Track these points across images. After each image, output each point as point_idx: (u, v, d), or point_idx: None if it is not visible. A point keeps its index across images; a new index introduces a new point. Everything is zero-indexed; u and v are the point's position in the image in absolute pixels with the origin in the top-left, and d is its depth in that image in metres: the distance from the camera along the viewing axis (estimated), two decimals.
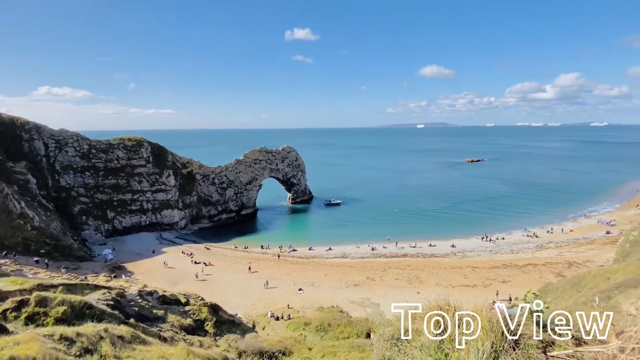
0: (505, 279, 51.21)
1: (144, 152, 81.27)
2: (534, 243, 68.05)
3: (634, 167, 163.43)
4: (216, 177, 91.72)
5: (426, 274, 54.41)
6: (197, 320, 21.93)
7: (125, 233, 73.53)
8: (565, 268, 53.72)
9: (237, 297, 46.34)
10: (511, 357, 3.22)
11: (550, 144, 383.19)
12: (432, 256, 63.10)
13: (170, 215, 79.41)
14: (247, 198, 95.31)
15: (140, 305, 18.83)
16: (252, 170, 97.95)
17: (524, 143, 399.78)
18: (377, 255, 64.23)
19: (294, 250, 67.62)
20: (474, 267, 56.69)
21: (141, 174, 79.24)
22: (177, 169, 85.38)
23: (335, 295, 46.56)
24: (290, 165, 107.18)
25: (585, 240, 67.64)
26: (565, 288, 28.05)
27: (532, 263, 57.19)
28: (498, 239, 70.95)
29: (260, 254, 66.23)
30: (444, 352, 3.44)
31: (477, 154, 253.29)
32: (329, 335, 28.27)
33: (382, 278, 53.15)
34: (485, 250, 65.10)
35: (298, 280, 52.05)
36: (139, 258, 61.19)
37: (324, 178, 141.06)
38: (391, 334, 3.88)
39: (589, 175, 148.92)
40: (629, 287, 17.51)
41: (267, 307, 41.81)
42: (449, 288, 48.72)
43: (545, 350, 3.44)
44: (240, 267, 58.09)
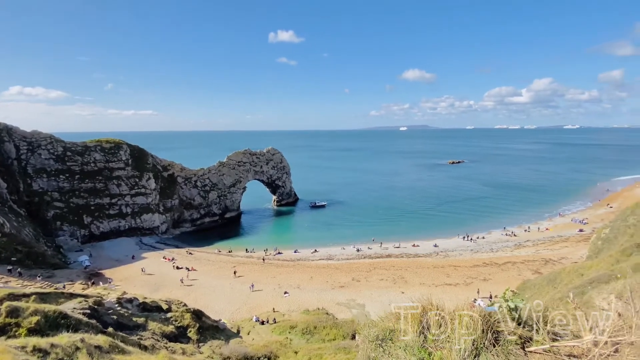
0: (486, 277, 52.62)
1: (123, 154, 78.80)
2: (513, 242, 70.31)
3: (604, 168, 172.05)
4: (199, 180, 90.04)
5: (410, 273, 55.20)
6: (180, 327, 21.38)
7: (103, 238, 70.91)
8: (542, 265, 55.75)
9: (221, 302, 45.51)
10: (491, 354, 3.31)
11: (526, 146, 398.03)
12: (416, 256, 64.12)
13: (150, 220, 77.24)
14: (231, 201, 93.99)
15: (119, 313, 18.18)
16: (236, 172, 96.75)
17: (502, 145, 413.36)
18: (362, 257, 64.66)
19: (279, 253, 67.14)
20: (456, 266, 57.98)
21: (120, 177, 76.75)
22: (157, 172, 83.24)
23: (321, 298, 46.50)
24: (275, 167, 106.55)
25: (560, 238, 70.46)
26: (542, 284, 29.11)
27: (511, 261, 59.04)
28: (478, 238, 72.89)
29: (244, 258, 65.35)
30: (427, 351, 3.50)
31: (458, 155, 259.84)
32: (315, 338, 28.19)
33: (367, 279, 53.51)
34: (466, 250, 66.72)
35: (283, 284, 51.68)
36: (118, 264, 59.15)
37: (309, 180, 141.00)
38: (376, 334, 3.91)
39: (563, 175, 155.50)
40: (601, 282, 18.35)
41: (251, 312, 41.30)
42: (432, 287, 49.61)
43: (523, 346, 3.56)
44: (224, 272, 57.12)
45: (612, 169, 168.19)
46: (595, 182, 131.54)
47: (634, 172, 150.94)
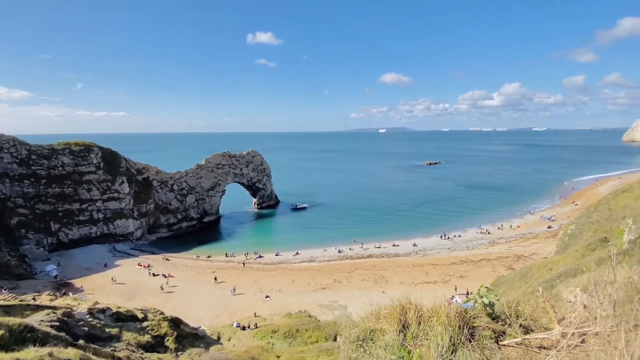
0: (463, 274, 54.28)
1: (94, 157, 75.35)
2: (487, 239, 72.97)
3: (569, 168, 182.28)
4: (175, 184, 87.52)
5: (390, 273, 56.03)
6: (157, 336, 20.64)
7: (72, 246, 67.35)
8: (515, 261, 58.19)
9: (200, 309, 44.36)
10: (467, 349, 3.42)
11: (498, 147, 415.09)
12: (396, 256, 65.20)
13: (124, 225, 74.19)
14: (210, 205, 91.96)
15: (91, 324, 17.32)
16: (214, 175, 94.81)
17: (476, 146, 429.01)
18: (344, 258, 65.01)
19: (260, 257, 66.28)
20: (434, 264, 59.45)
21: (90, 182, 73.28)
22: (131, 176, 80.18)
23: (303, 300, 46.29)
24: (255, 169, 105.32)
25: (531, 235, 73.85)
26: (515, 280, 30.38)
27: (485, 258, 61.22)
28: (455, 236, 75.12)
29: (224, 263, 64.03)
30: (407, 349, 3.56)
31: (434, 157, 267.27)
32: (297, 341, 28.02)
33: (349, 280, 53.83)
34: (444, 248, 68.58)
35: (265, 288, 51.05)
36: (89, 273, 56.38)
37: (289, 182, 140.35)
38: (357, 335, 3.94)
39: (532, 175, 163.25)
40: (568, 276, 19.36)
41: (232, 317, 40.53)
42: (412, 286, 50.60)
43: (497, 340, 3.70)
44: (203, 278, 55.73)
45: (576, 168, 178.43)
46: (561, 181, 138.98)
47: (596, 171, 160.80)
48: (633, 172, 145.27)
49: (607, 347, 3.15)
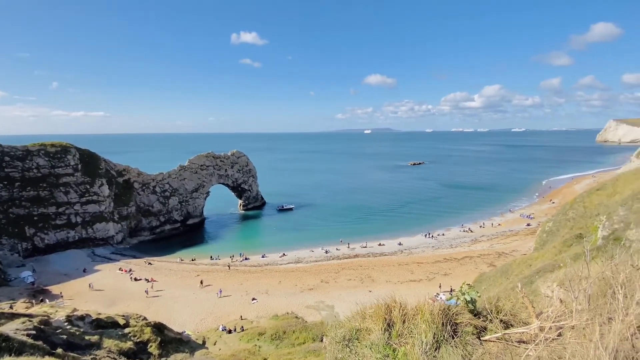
0: (447, 272, 55.40)
1: (71, 159, 72.65)
2: (470, 237, 74.77)
3: (547, 167, 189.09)
4: (157, 185, 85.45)
5: (377, 272, 56.57)
6: (139, 343, 20.08)
7: (49, 251, 64.68)
8: (496, 258, 59.84)
9: (185, 313, 43.49)
10: (451, 345, 3.50)
11: (479, 147, 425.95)
12: (382, 255, 65.89)
13: (104, 229, 71.86)
14: (194, 207, 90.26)
15: (70, 332, 16.68)
16: (198, 176, 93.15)
17: (458, 147, 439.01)
18: (331, 258, 65.17)
19: (246, 259, 65.57)
20: (419, 262, 60.43)
21: (68, 184, 70.61)
22: (111, 177, 77.79)
23: (290, 302, 46.10)
24: (241, 170, 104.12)
25: (511, 232, 76.18)
26: (496, 276, 31.24)
27: (468, 256, 62.70)
28: (439, 235, 76.61)
29: (209, 266, 62.98)
30: (392, 348, 3.61)
31: (418, 157, 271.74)
32: (284, 343, 27.87)
33: (335, 280, 53.99)
34: (428, 247, 69.83)
35: (251, 290, 50.55)
36: (67, 279, 54.31)
37: (276, 183, 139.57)
38: (343, 335, 3.96)
39: (511, 175, 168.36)
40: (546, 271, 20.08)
41: (218, 321, 39.92)
42: (398, 284, 51.25)
43: (479, 336, 3.80)
44: (187, 281, 54.65)
45: (553, 168, 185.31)
46: (539, 181, 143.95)
47: (572, 171, 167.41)
48: (606, 171, 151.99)
49: (582, 340, 3.29)
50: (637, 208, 22.07)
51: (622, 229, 21.20)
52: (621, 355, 2.99)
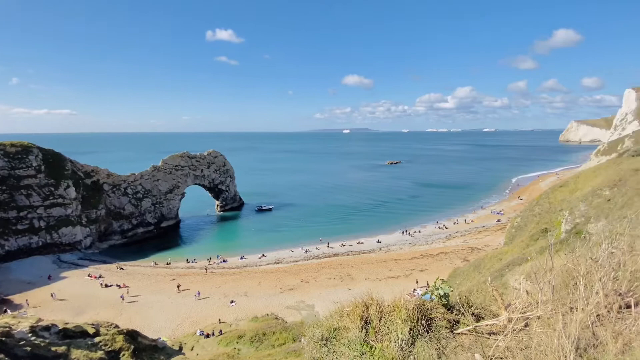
0: (423, 268, 56.89)
1: (33, 160, 68.26)
2: (444, 234, 77.20)
3: (515, 166, 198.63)
4: (129, 187, 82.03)
5: (356, 270, 57.17)
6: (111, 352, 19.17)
7: (9, 259, 60.35)
8: (469, 253, 62.12)
9: (160, 319, 42.03)
10: (425, 340, 3.58)
11: (453, 147, 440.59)
12: (361, 253, 66.68)
13: (70, 234, 68.07)
14: (168, 208, 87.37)
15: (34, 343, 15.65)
16: (172, 177, 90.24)
17: (433, 147, 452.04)
18: (311, 257, 65.16)
19: (224, 261, 64.24)
20: (397, 259, 61.69)
21: (30, 187, 66.29)
22: (78, 179, 73.81)
23: (270, 303, 45.67)
24: (218, 170, 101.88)
25: (483, 228, 79.35)
26: (470, 271, 32.44)
27: (443, 251, 64.71)
28: (415, 232, 78.55)
29: (185, 269, 61.18)
30: (369, 345, 3.65)
31: (395, 156, 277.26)
32: (264, 345, 27.57)
33: (315, 279, 54.05)
34: (405, 243, 71.41)
35: (229, 292, 49.59)
36: (31, 287, 50.96)
37: (254, 183, 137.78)
38: (320, 334, 3.96)
39: (483, 173, 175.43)
40: (515, 265, 21.08)
41: (195, 325, 38.85)
42: (377, 281, 52.06)
43: (452, 329, 3.91)
44: (162, 286, 52.82)
45: (521, 166, 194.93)
46: (509, 178, 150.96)
47: (538, 169, 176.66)
48: (568, 169, 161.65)
49: (547, 329, 3.46)
50: (597, 203, 23.63)
51: (583, 223, 22.63)
52: (583, 342, 3.17)
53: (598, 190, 25.01)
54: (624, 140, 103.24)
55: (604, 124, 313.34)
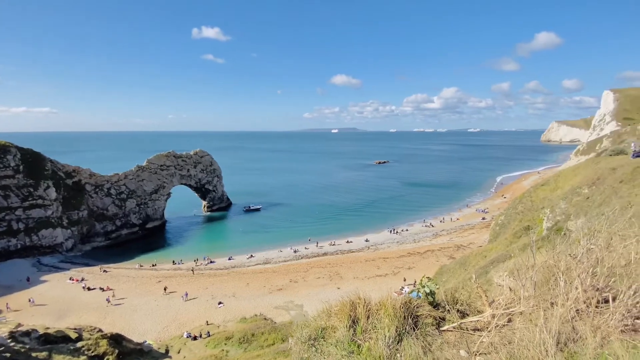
0: (411, 266, 57.64)
1: (11, 159, 65.76)
2: (431, 232, 78.40)
3: (499, 165, 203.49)
4: (113, 187, 80.00)
5: (345, 269, 57.44)
6: (94, 357, 18.67)
7: None
8: (455, 251, 63.29)
9: (146, 322, 41.20)
10: (412, 337, 3.62)
11: (439, 147, 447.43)
12: (349, 252, 67.03)
13: (51, 236, 65.93)
14: (153, 209, 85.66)
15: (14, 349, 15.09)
16: (158, 177, 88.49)
17: (420, 146, 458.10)
18: (300, 257, 65.07)
19: (211, 262, 63.43)
20: (385, 257, 62.28)
21: (8, 187, 63.86)
22: (59, 179, 71.54)
23: (259, 304, 45.40)
24: (205, 170, 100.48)
25: (468, 226, 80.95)
26: (455, 268, 33.02)
27: (430, 249, 65.71)
28: (403, 230, 79.50)
29: (171, 271, 60.14)
30: (357, 344, 3.66)
31: (383, 156, 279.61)
32: (253, 346, 27.38)
33: (304, 279, 54.02)
34: (393, 242, 72.18)
35: (217, 294, 49.03)
36: (10, 291, 49.15)
37: (242, 183, 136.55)
38: (308, 335, 3.95)
39: (468, 172, 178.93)
40: (499, 262, 21.55)
41: (182, 328, 38.28)
42: (365, 280, 52.43)
43: (438, 326, 3.97)
44: (148, 288, 51.79)
45: (504, 165, 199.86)
46: (493, 177, 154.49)
47: (521, 168, 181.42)
48: (549, 168, 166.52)
49: (529, 325, 3.55)
50: (576, 201, 24.43)
51: (563, 220, 23.35)
52: (563, 337, 3.26)
53: (577, 188, 25.87)
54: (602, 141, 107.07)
55: (583, 124, 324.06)
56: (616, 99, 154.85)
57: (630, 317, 3.34)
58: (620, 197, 19.51)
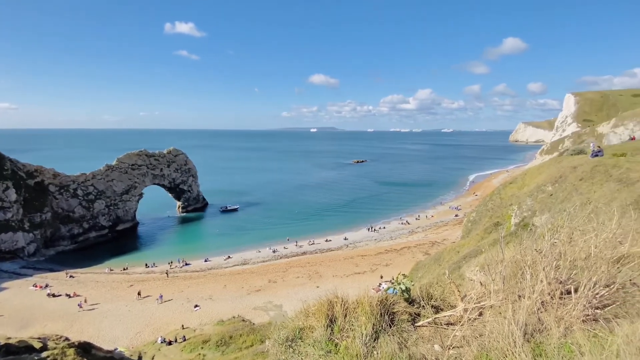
0: (388, 263, 58.76)
1: None
2: (407, 229, 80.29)
3: (471, 164, 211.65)
4: (79, 188, 75.83)
5: (324, 267, 57.67)
6: None
7: None
8: (430, 247, 65.18)
9: (116, 328, 39.43)
10: (388, 334, 3.66)
11: (414, 146, 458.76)
12: (329, 250, 67.37)
13: (11, 240, 61.57)
14: (124, 210, 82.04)
15: None
16: (129, 177, 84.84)
17: (396, 146, 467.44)
18: (279, 257, 64.60)
19: (186, 265, 61.64)
20: (363, 255, 63.14)
21: None
22: (19, 180, 66.92)
23: (237, 305, 44.64)
24: (179, 170, 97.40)
25: (442, 223, 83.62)
26: (430, 264, 34.02)
27: (407, 246, 67.29)
28: (380, 228, 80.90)
29: (144, 274, 57.88)
30: (334, 343, 3.66)
31: (361, 155, 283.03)
32: (231, 349, 26.91)
33: (283, 279, 53.71)
34: (371, 240, 73.31)
35: (193, 297, 47.73)
36: None
37: (218, 183, 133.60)
38: (286, 336, 3.91)
39: (442, 171, 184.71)
40: (471, 257, 22.41)
41: (156, 333, 36.99)
42: (344, 278, 52.90)
43: (413, 322, 4.05)
44: (118, 293, 49.58)
45: (476, 164, 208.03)
46: (465, 176, 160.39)
47: (492, 167, 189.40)
48: (517, 167, 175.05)
49: (498, 317, 3.69)
50: (541, 198, 25.81)
51: (529, 216, 24.63)
52: (530, 328, 3.41)
53: (542, 186, 27.35)
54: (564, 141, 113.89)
55: (547, 125, 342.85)
56: (576, 102, 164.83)
57: (591, 307, 3.55)
58: (581, 193, 20.84)
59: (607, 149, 30.85)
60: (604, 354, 2.78)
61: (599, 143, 52.25)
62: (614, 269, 3.91)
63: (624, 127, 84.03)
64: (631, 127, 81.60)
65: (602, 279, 3.66)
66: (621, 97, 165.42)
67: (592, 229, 4.28)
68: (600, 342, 3.01)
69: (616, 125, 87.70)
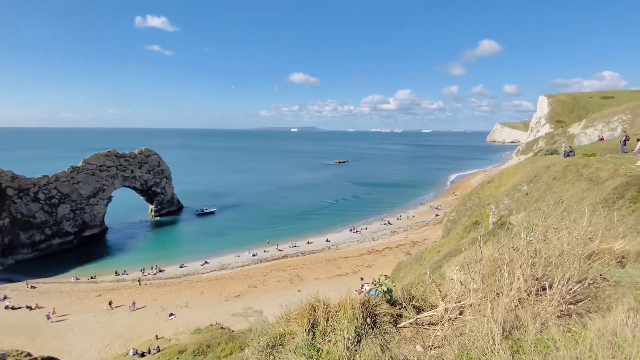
0: (370, 264, 59.25)
1: None
2: (389, 230, 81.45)
3: (450, 164, 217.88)
4: (41, 191, 71.12)
5: (306, 270, 57.33)
6: None
7: None
8: (412, 247, 66.34)
9: (84, 341, 37.37)
10: (371, 337, 3.61)
11: (395, 146, 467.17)
12: (310, 253, 67.11)
13: None
14: (91, 215, 77.75)
15: None
16: (96, 179, 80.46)
17: (378, 146, 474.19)
18: (259, 261, 63.61)
19: (160, 271, 59.29)
20: (345, 257, 63.36)
21: None
22: None
23: (215, 312, 43.49)
24: (151, 171, 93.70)
25: (423, 223, 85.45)
26: (412, 264, 34.59)
27: (388, 247, 68.18)
28: (362, 229, 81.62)
29: (114, 283, 55.16)
30: (316, 348, 3.55)
31: (342, 155, 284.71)
32: (208, 358, 26.11)
33: (264, 283, 52.90)
34: (353, 241, 73.77)
35: (168, 305, 46.01)
36: None
37: (194, 184, 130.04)
38: (266, 343, 3.76)
39: (423, 171, 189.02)
40: (451, 256, 22.96)
41: (127, 344, 35.39)
42: (326, 280, 52.80)
43: (395, 323, 4.01)
44: (85, 304, 46.99)
45: (456, 164, 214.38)
46: (445, 176, 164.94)
47: (470, 167, 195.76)
48: (495, 167, 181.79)
49: (478, 316, 3.72)
50: (517, 197, 26.87)
51: (507, 215, 25.56)
52: (508, 325, 3.45)
53: (518, 185, 28.48)
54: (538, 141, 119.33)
55: (522, 126, 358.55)
56: (549, 103, 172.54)
57: (565, 303, 3.65)
58: (554, 192, 21.82)
59: (578, 149, 32.56)
60: (577, 349, 2.84)
61: (570, 143, 55.28)
62: (585, 265, 4.05)
63: (594, 128, 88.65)
64: (600, 128, 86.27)
65: (574, 275, 3.77)
66: (591, 99, 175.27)
67: (564, 227, 4.42)
68: (574, 337, 3.09)
69: (586, 127, 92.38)
